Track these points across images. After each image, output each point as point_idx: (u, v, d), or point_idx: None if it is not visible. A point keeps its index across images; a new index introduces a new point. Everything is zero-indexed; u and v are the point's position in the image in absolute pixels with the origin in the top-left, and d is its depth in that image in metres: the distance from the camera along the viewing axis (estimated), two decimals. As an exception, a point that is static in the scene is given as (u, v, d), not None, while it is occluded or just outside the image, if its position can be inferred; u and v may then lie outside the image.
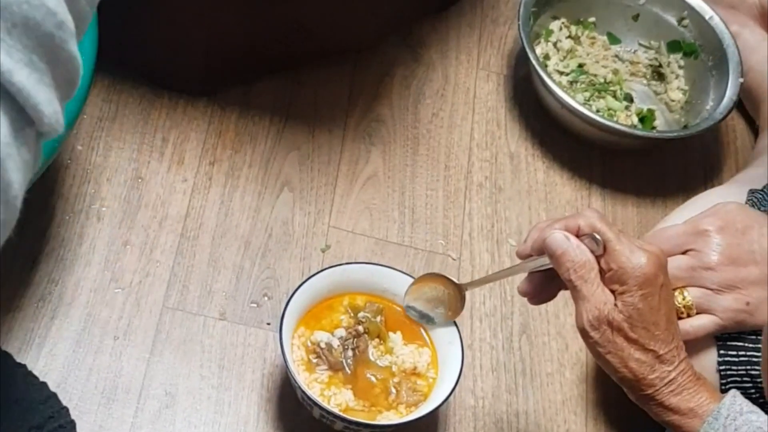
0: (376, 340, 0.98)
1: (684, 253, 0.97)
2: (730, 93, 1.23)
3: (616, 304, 0.84)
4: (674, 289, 0.94)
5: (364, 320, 0.98)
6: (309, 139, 1.18)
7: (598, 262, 0.85)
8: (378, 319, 0.99)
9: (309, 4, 1.15)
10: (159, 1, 1.11)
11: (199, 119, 1.16)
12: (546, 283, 0.89)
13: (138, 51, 1.14)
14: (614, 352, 0.85)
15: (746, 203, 1.06)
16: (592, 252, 0.85)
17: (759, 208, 1.05)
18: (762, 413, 0.83)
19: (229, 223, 1.10)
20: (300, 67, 1.22)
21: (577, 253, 0.84)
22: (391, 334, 0.99)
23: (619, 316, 0.84)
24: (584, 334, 0.85)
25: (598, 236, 0.85)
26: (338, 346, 0.97)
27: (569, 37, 1.32)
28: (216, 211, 1.10)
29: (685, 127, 1.23)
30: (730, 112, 1.22)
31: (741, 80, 1.24)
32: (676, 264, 0.95)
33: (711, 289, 0.95)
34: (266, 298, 1.06)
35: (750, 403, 0.85)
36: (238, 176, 1.13)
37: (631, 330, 0.84)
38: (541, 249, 0.87)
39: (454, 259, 1.14)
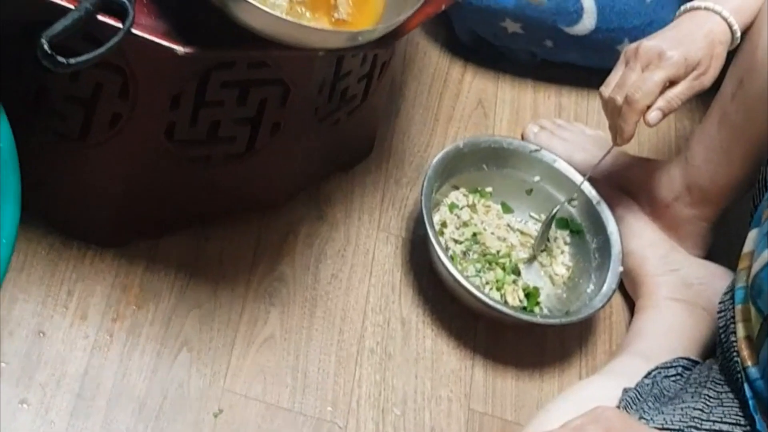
0: None
1: None
2: (610, 281, 1.32)
3: None
4: None
5: None
6: (211, 297, 1.22)
7: None
8: None
9: (224, 166, 1.20)
10: (80, 154, 1.14)
11: (105, 272, 1.19)
12: None
13: (52, 200, 1.17)
14: None
15: (621, 402, 1.15)
16: None
17: (633, 407, 1.14)
18: None
19: (126, 383, 1.13)
20: (209, 222, 1.26)
21: None
22: None
23: None
24: None
25: None
26: None
27: (467, 205, 1.39)
28: (114, 371, 1.13)
29: (567, 313, 1.31)
30: (608, 300, 1.31)
31: (621, 269, 1.33)
32: None
33: None
34: (156, 463, 1.09)
35: None
36: (138, 334, 1.16)
37: None
38: None
39: (340, 427, 1.19)
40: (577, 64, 1.60)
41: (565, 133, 1.52)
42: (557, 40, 1.54)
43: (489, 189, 1.42)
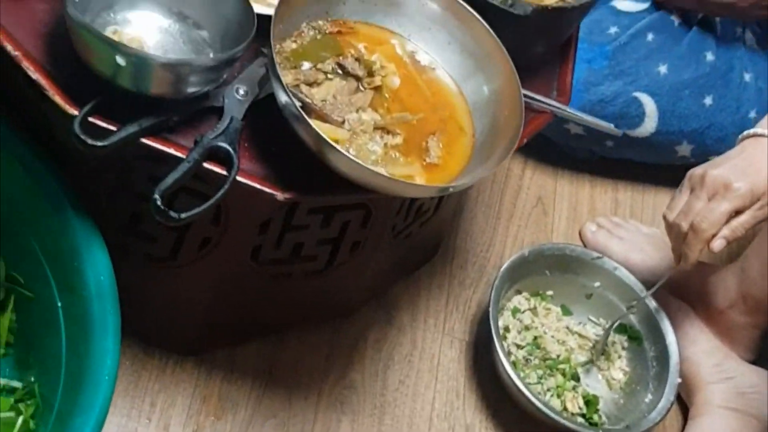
0: None
1: None
2: (668, 393, 1.36)
3: None
4: None
5: None
6: (286, 406, 1.26)
7: None
8: None
9: (303, 281, 1.24)
10: (168, 272, 1.17)
11: (186, 382, 1.23)
12: None
13: (138, 311, 1.20)
14: None
15: None
16: None
17: None
18: None
19: (207, 497, 1.17)
20: (284, 330, 1.30)
21: None
22: None
23: None
24: None
25: None
26: None
27: (528, 309, 1.43)
28: (196, 484, 1.17)
29: (627, 427, 1.34)
30: (667, 413, 1.34)
31: (679, 380, 1.37)
32: None
33: None
34: None
35: None
36: (217, 447, 1.20)
37: None
38: None
39: None
40: (635, 161, 1.63)
41: (621, 232, 1.56)
42: (618, 141, 1.57)
43: (550, 293, 1.45)
